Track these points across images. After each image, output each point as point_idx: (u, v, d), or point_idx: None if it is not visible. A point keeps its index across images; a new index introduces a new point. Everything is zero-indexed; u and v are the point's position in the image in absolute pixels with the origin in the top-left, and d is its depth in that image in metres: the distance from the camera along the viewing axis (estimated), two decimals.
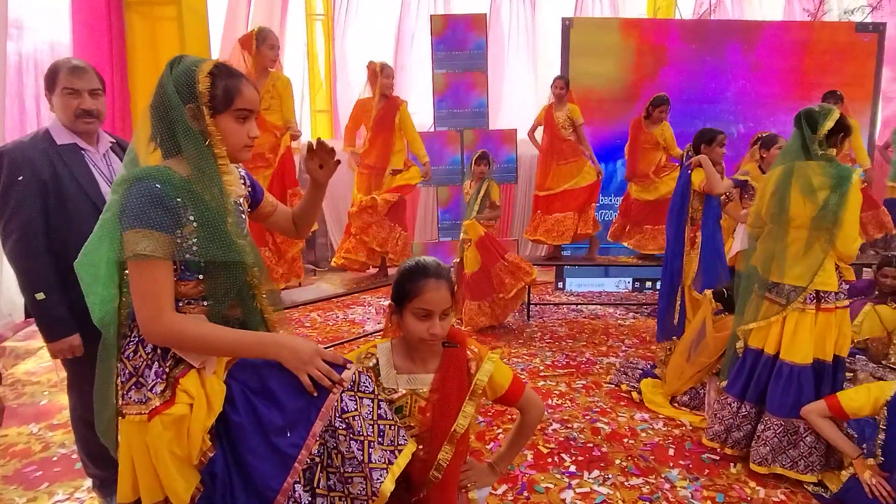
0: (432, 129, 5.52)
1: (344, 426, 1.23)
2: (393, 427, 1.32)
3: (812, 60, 5.51)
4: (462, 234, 4.34)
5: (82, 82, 1.79)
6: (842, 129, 2.25)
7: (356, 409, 1.25)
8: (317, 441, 1.22)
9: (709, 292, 2.89)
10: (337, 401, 1.23)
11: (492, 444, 2.62)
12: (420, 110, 6.23)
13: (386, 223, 4.07)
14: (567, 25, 5.42)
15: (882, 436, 1.98)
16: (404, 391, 1.44)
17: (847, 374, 2.59)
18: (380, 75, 3.93)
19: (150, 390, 1.18)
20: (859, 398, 2.10)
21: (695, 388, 2.93)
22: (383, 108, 3.98)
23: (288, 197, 3.57)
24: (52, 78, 1.79)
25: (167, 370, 1.19)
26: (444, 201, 5.48)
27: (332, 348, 3.95)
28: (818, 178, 2.18)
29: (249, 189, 1.45)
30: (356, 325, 4.57)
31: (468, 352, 1.48)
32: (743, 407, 2.42)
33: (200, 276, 1.22)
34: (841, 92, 4.43)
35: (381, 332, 1.58)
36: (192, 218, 1.17)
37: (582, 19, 6.07)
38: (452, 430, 1.42)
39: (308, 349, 1.24)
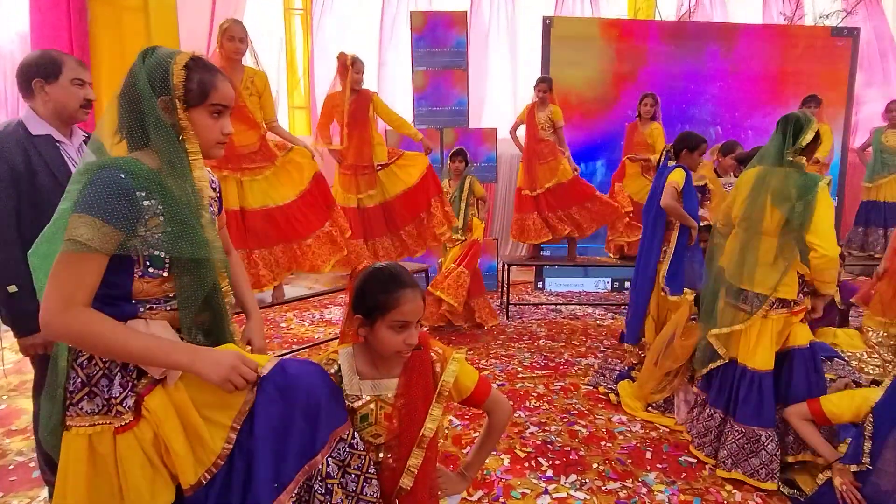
0: None
1: (323, 491, 1.21)
2: None
3: (788, 64, 5.59)
4: (452, 234, 4.23)
5: (86, 74, 1.86)
6: (818, 140, 2.29)
7: (337, 478, 1.24)
8: (291, 498, 1.18)
9: (690, 297, 2.87)
10: (322, 464, 1.21)
11: (468, 448, 2.57)
12: (400, 108, 6.16)
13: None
14: (547, 24, 5.41)
15: (868, 444, 1.96)
16: (369, 397, 1.39)
17: (828, 376, 2.61)
18: (350, 69, 3.83)
19: (121, 403, 1.12)
20: (842, 404, 2.10)
21: (670, 396, 2.92)
22: (354, 102, 3.88)
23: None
24: (56, 66, 1.80)
25: (133, 381, 1.14)
26: None
27: (307, 350, 3.87)
28: (788, 186, 2.20)
29: (218, 195, 1.40)
30: (333, 326, 4.49)
31: (432, 353, 1.44)
32: (708, 410, 2.46)
33: (165, 274, 1.15)
34: (820, 97, 4.49)
35: (338, 340, 1.52)
36: (160, 209, 1.11)
37: (562, 18, 6.06)
38: (421, 434, 1.38)
39: (228, 360, 1.14)
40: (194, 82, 1.17)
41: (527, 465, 2.45)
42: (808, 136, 2.22)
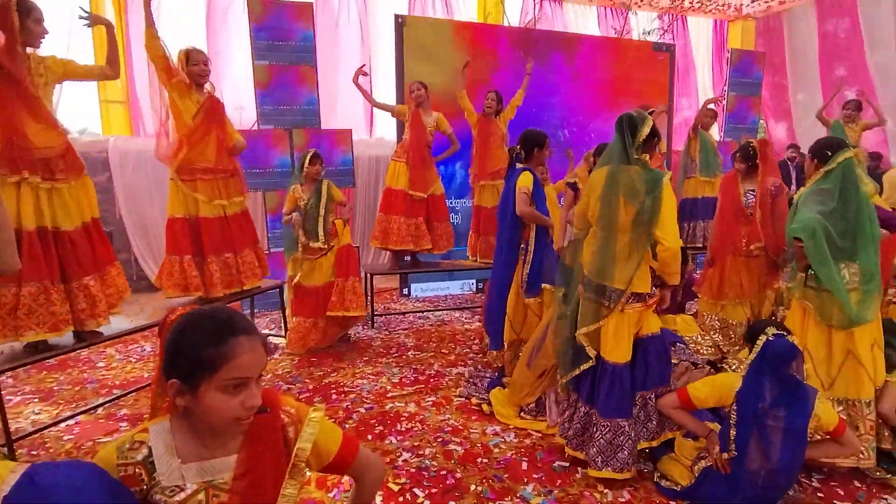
0: (256, 128, 4.91)
1: None
2: None
3: (620, 73, 6.08)
4: (311, 243, 3.86)
5: None
6: (655, 135, 2.38)
7: None
8: None
9: (560, 293, 2.86)
10: None
11: (335, 491, 2.26)
12: (243, 105, 5.54)
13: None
14: (400, 23, 5.24)
15: (734, 431, 2.06)
16: (195, 486, 1.04)
17: (672, 360, 2.76)
18: (187, 63, 3.30)
19: None
20: (705, 389, 2.22)
21: (541, 397, 2.90)
22: (209, 100, 3.38)
23: None
24: None
25: None
26: (274, 208, 4.91)
27: (133, 394, 3.22)
28: (637, 182, 2.27)
29: None
30: None
31: (282, 415, 1.14)
32: (583, 408, 2.44)
33: None
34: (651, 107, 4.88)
35: (148, 415, 1.14)
36: None
37: (415, 18, 5.94)
38: None
39: None
40: None
41: (402, 499, 2.22)
42: (644, 130, 2.31)
